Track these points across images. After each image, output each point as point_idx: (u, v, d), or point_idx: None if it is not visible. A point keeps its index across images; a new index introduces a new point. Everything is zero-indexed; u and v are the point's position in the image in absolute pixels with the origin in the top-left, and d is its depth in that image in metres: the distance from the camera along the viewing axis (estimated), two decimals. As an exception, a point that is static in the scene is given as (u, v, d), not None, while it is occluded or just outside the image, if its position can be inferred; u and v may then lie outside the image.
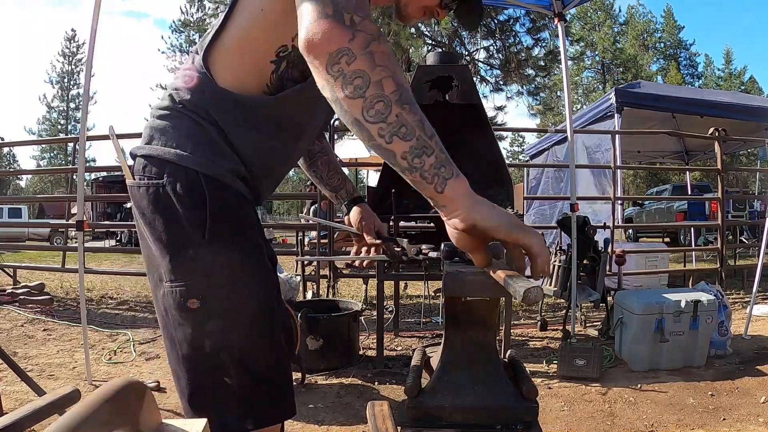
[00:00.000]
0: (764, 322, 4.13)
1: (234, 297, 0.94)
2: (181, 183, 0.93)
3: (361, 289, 5.11)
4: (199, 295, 0.93)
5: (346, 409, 2.49)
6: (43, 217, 18.66)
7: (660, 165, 11.44)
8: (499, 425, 1.04)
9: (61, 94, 35.76)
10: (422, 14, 1.10)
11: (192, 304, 0.93)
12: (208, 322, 0.93)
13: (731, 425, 2.30)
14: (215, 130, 0.96)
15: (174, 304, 0.94)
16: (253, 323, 0.96)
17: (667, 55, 31.54)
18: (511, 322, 3.33)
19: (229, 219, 0.95)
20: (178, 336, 0.97)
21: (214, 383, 0.96)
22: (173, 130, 0.97)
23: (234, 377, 0.94)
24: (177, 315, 0.95)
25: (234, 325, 0.94)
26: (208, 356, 0.94)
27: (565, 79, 3.82)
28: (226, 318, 0.94)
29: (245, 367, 0.94)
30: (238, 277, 0.95)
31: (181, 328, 0.96)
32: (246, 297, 0.95)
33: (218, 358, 0.94)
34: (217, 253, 0.93)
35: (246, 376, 0.95)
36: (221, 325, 0.94)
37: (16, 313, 4.37)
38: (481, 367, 1.08)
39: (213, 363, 0.95)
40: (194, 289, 0.93)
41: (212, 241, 0.93)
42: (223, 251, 0.94)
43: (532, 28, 11.55)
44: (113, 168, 8.95)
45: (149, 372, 3.04)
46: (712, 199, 8.38)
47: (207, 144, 0.96)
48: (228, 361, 0.94)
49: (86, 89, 3.28)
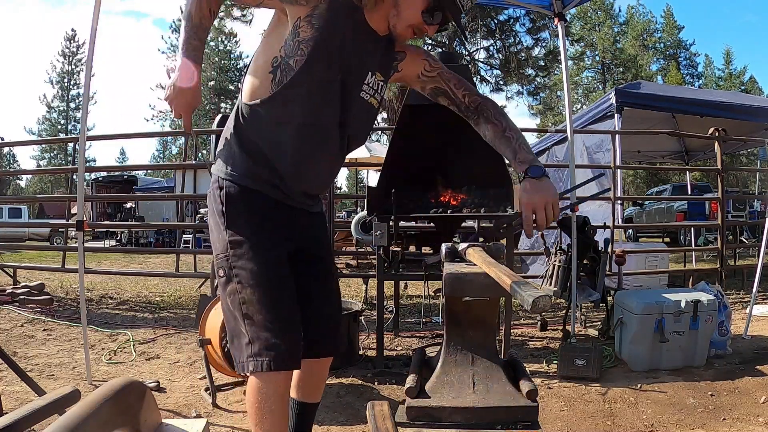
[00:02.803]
0: (764, 322, 4.13)
1: (242, 268, 1.27)
2: (215, 186, 1.35)
3: (361, 289, 5.11)
4: (223, 266, 1.29)
5: (345, 409, 2.49)
6: (43, 217, 18.65)
7: (660, 165, 11.44)
8: (499, 425, 1.04)
9: (61, 94, 35.76)
10: (411, 33, 1.32)
11: (220, 273, 1.31)
12: (228, 285, 1.28)
13: (731, 425, 2.30)
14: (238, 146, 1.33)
15: (216, 272, 1.33)
16: (255, 286, 1.26)
17: (667, 55, 31.53)
18: (511, 322, 3.32)
19: (238, 212, 1.31)
20: (221, 296, 1.33)
21: (237, 332, 1.28)
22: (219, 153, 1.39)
23: (244, 327, 1.26)
24: (218, 280, 1.33)
25: (242, 287, 1.26)
26: (231, 312, 1.29)
27: (565, 79, 3.82)
28: (237, 282, 1.27)
29: (251, 321, 1.25)
30: (245, 252, 1.27)
31: (219, 290, 1.34)
32: (250, 267, 1.26)
33: (235, 313, 1.28)
34: (231, 235, 1.29)
35: (251, 328, 1.25)
36: (234, 287, 1.27)
37: (16, 313, 4.37)
38: (481, 367, 1.08)
39: (234, 316, 1.28)
40: (221, 263, 1.30)
41: (228, 227, 1.30)
42: (236, 233, 1.29)
43: (532, 28, 11.55)
44: (113, 168, 8.95)
45: (149, 372, 3.04)
46: (712, 199, 8.38)
47: (230, 158, 1.34)
48: (240, 315, 1.26)
49: (86, 89, 3.28)
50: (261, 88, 1.27)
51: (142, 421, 1.18)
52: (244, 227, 1.29)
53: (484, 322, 1.10)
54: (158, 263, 9.01)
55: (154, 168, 32.50)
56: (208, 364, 2.55)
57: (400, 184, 3.07)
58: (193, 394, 2.64)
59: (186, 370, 3.07)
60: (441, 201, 3.20)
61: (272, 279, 1.28)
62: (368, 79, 1.35)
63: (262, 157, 1.31)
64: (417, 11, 1.26)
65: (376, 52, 1.36)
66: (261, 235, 1.30)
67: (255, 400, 1.25)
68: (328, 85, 1.27)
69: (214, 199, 1.34)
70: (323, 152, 1.36)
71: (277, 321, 1.25)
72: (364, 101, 1.36)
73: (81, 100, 7.90)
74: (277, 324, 1.25)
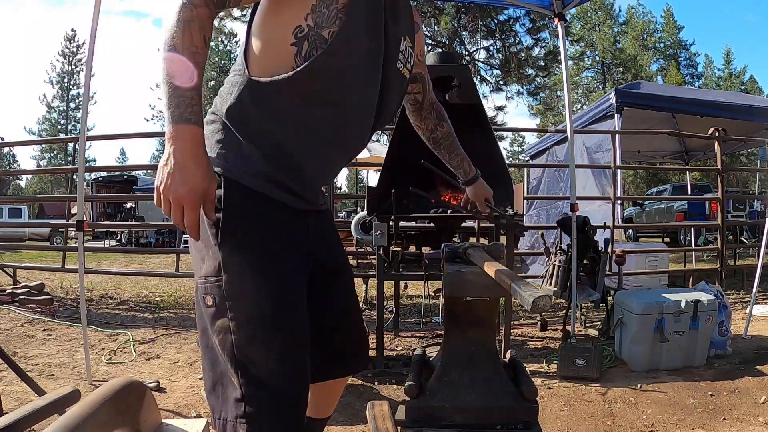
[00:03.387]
0: (764, 322, 4.12)
1: (241, 301, 0.95)
2: None
3: (361, 289, 5.11)
4: (212, 293, 0.96)
5: (345, 409, 2.49)
6: (43, 217, 18.64)
7: (660, 165, 11.44)
8: (499, 425, 1.04)
9: (61, 94, 35.74)
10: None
11: (208, 301, 0.97)
12: (218, 320, 0.96)
13: (731, 425, 2.30)
14: (245, 133, 0.99)
15: (199, 298, 1.00)
16: (257, 329, 0.95)
17: (667, 55, 31.51)
18: (511, 322, 3.32)
19: (243, 220, 0.97)
20: (203, 328, 1.02)
21: (223, 379, 0.98)
22: (210, 135, 1.01)
23: (236, 378, 0.95)
24: (199, 307, 1.01)
25: (238, 327, 0.95)
26: (218, 353, 0.98)
27: (565, 79, 3.82)
28: (231, 319, 0.95)
29: (246, 371, 0.95)
30: (247, 281, 0.96)
31: (200, 321, 1.02)
32: (251, 302, 0.95)
33: (225, 357, 0.96)
34: (228, 255, 0.95)
35: (247, 381, 0.95)
36: (227, 325, 0.95)
37: (16, 313, 4.37)
38: (481, 367, 1.08)
39: (222, 360, 0.97)
40: (209, 287, 0.97)
41: (225, 243, 0.95)
42: (234, 253, 0.96)
43: (532, 28, 11.53)
44: (113, 168, 8.95)
45: (149, 372, 3.04)
46: (712, 199, 8.37)
47: (234, 148, 0.99)
48: (231, 361, 0.96)
49: (86, 89, 3.28)
50: (279, 62, 0.97)
51: (142, 421, 1.18)
52: (251, 244, 0.97)
53: (484, 322, 1.10)
54: (158, 263, 9.00)
55: (154, 168, 32.38)
56: (208, 364, 2.55)
57: (400, 184, 3.07)
58: (193, 394, 2.64)
59: (186, 370, 3.07)
60: (441, 201, 3.20)
61: (286, 319, 0.97)
62: (402, 45, 1.13)
63: (276, 149, 0.99)
64: None
65: (407, 13, 1.16)
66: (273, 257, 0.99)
67: None
68: (369, 56, 1.02)
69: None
70: (356, 136, 1.11)
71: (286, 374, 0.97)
72: (399, 72, 1.13)
73: (81, 100, 7.90)
74: (285, 378, 0.97)
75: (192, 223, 0.86)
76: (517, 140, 34.49)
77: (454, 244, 1.23)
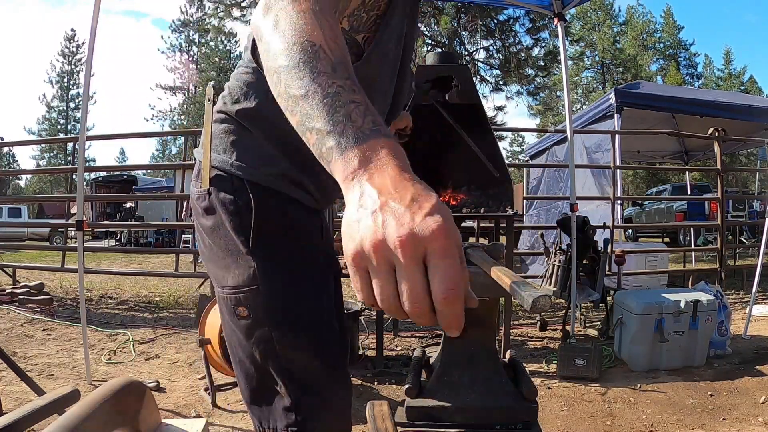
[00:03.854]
0: (764, 322, 4.13)
1: (281, 308, 0.92)
2: (227, 191, 0.92)
3: (360, 289, 5.11)
4: (247, 303, 0.91)
5: (345, 409, 2.49)
6: (43, 216, 18.65)
7: (660, 165, 11.44)
8: (499, 425, 1.04)
9: (61, 94, 35.74)
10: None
11: (242, 312, 0.92)
12: (257, 331, 0.92)
13: (731, 425, 2.30)
14: (262, 133, 0.94)
15: (227, 310, 0.94)
16: (301, 334, 0.93)
17: (666, 55, 31.53)
18: (510, 322, 3.33)
19: (275, 227, 0.93)
20: (233, 341, 0.97)
21: (264, 389, 0.95)
22: (223, 135, 0.96)
23: (283, 387, 0.93)
24: (230, 321, 0.95)
25: (282, 335, 0.92)
26: (258, 364, 0.94)
27: (565, 79, 3.83)
28: (274, 328, 0.92)
29: (292, 378, 0.93)
30: (285, 288, 0.92)
31: (235, 335, 0.95)
32: (292, 308, 0.93)
33: (267, 367, 0.94)
34: (263, 262, 0.91)
35: (292, 386, 0.93)
36: (268, 334, 0.92)
37: (16, 312, 4.37)
38: (481, 367, 1.08)
39: (264, 371, 0.94)
40: (243, 298, 0.92)
41: (258, 248, 0.91)
42: (269, 260, 0.92)
43: (532, 28, 11.53)
44: (113, 168, 8.95)
45: (149, 372, 3.04)
46: (712, 199, 8.38)
47: (252, 149, 0.94)
48: (277, 370, 0.93)
49: (86, 89, 3.28)
50: None
51: (142, 421, 1.18)
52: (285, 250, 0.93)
53: (483, 322, 1.10)
54: (158, 263, 9.01)
55: (154, 168, 32.45)
56: (208, 364, 2.55)
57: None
58: (192, 394, 2.64)
59: (186, 370, 3.07)
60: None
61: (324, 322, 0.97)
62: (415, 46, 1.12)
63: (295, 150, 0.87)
64: None
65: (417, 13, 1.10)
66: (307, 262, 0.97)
67: None
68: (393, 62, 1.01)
69: (222, 207, 0.92)
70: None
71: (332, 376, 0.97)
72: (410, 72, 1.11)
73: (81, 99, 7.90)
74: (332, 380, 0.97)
75: (462, 277, 0.45)
76: (516, 140, 34.50)
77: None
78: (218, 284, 0.96)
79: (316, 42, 0.55)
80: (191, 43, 35.95)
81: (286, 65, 0.55)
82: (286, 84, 0.54)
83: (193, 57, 35.82)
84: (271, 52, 0.57)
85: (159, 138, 39.88)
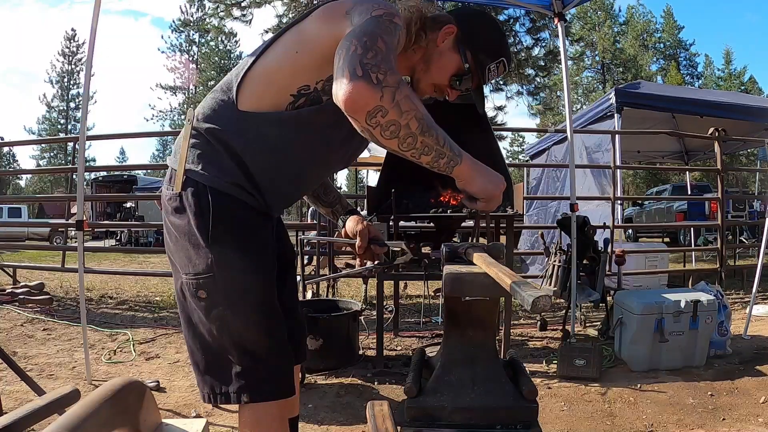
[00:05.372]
0: (764, 322, 4.13)
1: (233, 291, 1.12)
2: (193, 194, 1.11)
3: (360, 288, 5.11)
4: (206, 288, 1.12)
5: (345, 409, 2.49)
6: (43, 216, 18.65)
7: (660, 165, 11.44)
8: (499, 425, 1.04)
9: (61, 94, 35.75)
10: (432, 90, 1.30)
11: (201, 294, 1.13)
12: (214, 310, 1.12)
13: (731, 425, 2.30)
14: (225, 150, 1.13)
15: (189, 293, 1.15)
16: (249, 313, 1.13)
17: (667, 55, 31.53)
18: (510, 322, 3.33)
19: (228, 224, 1.12)
20: (194, 318, 1.16)
21: (220, 359, 1.15)
22: (192, 148, 1.15)
23: (235, 356, 1.14)
24: (192, 302, 1.15)
25: (234, 314, 1.12)
26: (215, 338, 1.14)
27: (565, 79, 3.82)
28: (227, 308, 1.12)
29: (243, 349, 1.13)
30: (236, 275, 1.12)
31: (196, 313, 1.15)
32: (243, 291, 1.13)
33: (222, 340, 1.14)
34: (219, 253, 1.11)
35: (245, 357, 1.13)
36: (223, 313, 1.12)
37: (16, 312, 4.37)
38: (481, 367, 1.08)
39: (219, 343, 1.14)
40: (203, 283, 1.12)
41: (215, 242, 1.10)
42: (224, 252, 1.11)
43: (532, 28, 11.53)
44: (113, 167, 8.94)
45: (149, 372, 3.04)
46: (712, 199, 8.38)
47: (215, 162, 1.13)
48: (229, 343, 1.13)
49: (86, 89, 3.28)
50: (271, 102, 1.12)
51: (142, 421, 1.18)
52: (236, 244, 1.12)
53: (484, 322, 1.10)
54: (158, 263, 9.00)
55: (154, 168, 32.43)
56: (208, 364, 2.55)
57: (400, 184, 3.07)
58: (192, 394, 2.64)
59: (186, 369, 3.07)
60: (441, 201, 3.20)
61: (268, 303, 1.17)
62: None
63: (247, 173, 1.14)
64: (447, 74, 1.25)
65: None
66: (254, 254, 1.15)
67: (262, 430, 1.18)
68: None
69: (189, 207, 1.11)
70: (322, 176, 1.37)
71: (276, 347, 1.17)
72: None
73: (81, 99, 7.90)
74: (275, 350, 1.17)
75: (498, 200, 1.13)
76: (516, 140, 34.48)
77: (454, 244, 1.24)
78: (182, 271, 1.15)
79: (423, 113, 0.97)
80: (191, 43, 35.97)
81: (420, 129, 0.96)
82: (422, 141, 0.97)
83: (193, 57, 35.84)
84: (402, 122, 0.94)
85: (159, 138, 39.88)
